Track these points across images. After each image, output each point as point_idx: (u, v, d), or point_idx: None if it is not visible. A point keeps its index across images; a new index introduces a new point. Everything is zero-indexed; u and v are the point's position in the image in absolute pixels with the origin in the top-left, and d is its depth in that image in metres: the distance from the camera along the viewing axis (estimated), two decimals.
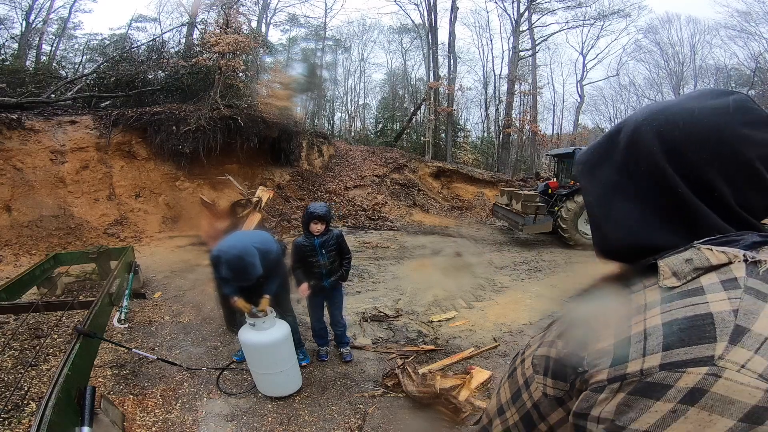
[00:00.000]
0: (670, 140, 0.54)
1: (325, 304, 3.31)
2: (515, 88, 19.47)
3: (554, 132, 25.06)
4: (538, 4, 19.29)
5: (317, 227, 3.00)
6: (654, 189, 0.55)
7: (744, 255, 0.48)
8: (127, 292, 4.00)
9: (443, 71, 19.38)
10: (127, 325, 3.79)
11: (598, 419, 0.48)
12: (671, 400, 0.42)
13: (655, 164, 0.54)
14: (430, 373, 3.07)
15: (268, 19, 21.22)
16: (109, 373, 3.03)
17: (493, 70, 24.64)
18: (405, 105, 25.03)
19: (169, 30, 15.37)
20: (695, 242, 0.51)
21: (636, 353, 0.46)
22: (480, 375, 3.04)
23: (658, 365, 0.43)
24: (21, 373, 2.80)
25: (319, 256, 3.04)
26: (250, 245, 2.62)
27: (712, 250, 0.49)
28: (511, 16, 19.94)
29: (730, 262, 0.47)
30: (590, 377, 0.50)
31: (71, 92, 10.10)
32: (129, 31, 17.40)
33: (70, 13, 17.15)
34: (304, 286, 3.05)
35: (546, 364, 0.62)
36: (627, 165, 0.58)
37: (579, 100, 24.17)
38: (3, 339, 3.41)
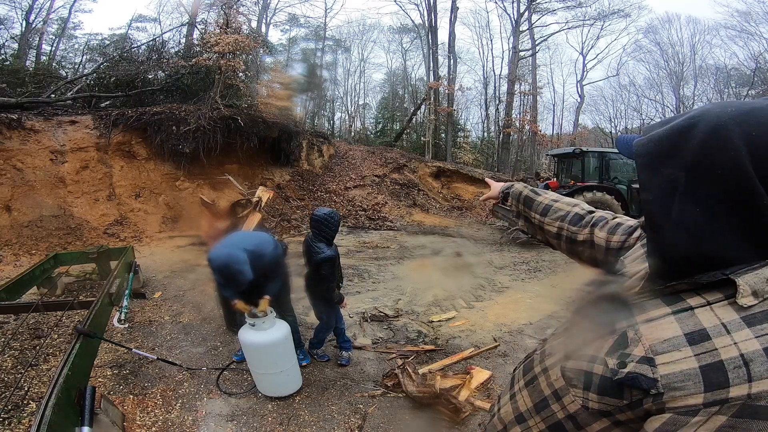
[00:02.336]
0: (762, 147, 0.49)
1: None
2: (515, 88, 19.47)
3: (554, 132, 25.07)
4: (538, 4, 19.29)
5: None
6: (729, 195, 0.50)
7: None
8: (127, 292, 3.99)
9: (443, 71, 19.40)
10: (127, 325, 3.78)
11: None
12: None
13: (738, 169, 0.49)
14: (430, 373, 3.07)
15: (268, 19, 21.24)
16: (109, 373, 3.02)
17: (493, 70, 24.66)
18: (405, 105, 25.04)
19: (169, 30, 15.40)
20: None
21: (739, 379, 0.46)
22: (480, 375, 3.04)
23: None
24: (21, 373, 2.80)
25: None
26: (237, 252, 2.55)
27: None
28: (511, 16, 19.95)
29: None
30: (671, 400, 0.49)
31: (71, 92, 10.09)
32: (129, 31, 17.48)
33: (70, 13, 17.20)
34: (345, 300, 3.16)
35: (588, 380, 0.60)
36: (700, 164, 0.53)
37: (579, 100, 24.19)
38: (3, 339, 3.41)
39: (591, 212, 0.98)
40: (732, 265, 0.51)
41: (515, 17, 19.52)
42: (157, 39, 12.93)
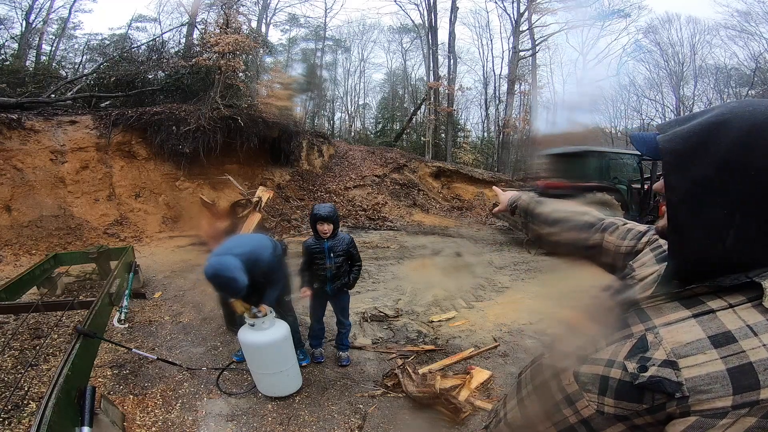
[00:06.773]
0: None
1: (328, 305, 3.27)
2: (515, 88, 19.46)
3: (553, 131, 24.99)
4: (538, 4, 19.28)
5: (323, 228, 2.97)
6: (761, 196, 0.49)
7: None
8: (127, 292, 4.00)
9: (443, 71, 19.37)
10: (127, 325, 3.79)
11: None
12: None
13: None
14: (430, 373, 3.07)
15: (268, 19, 21.20)
16: (109, 373, 3.02)
17: (493, 70, 24.65)
18: (405, 105, 25.05)
19: (169, 30, 15.36)
20: None
21: None
22: (480, 375, 3.04)
23: None
24: (21, 373, 2.80)
25: (327, 259, 3.01)
26: (226, 259, 2.51)
27: None
28: (511, 16, 19.94)
29: None
30: (698, 403, 0.49)
31: (71, 92, 10.10)
32: (129, 31, 17.40)
33: (70, 13, 17.14)
34: (305, 289, 3.05)
35: (604, 384, 0.59)
36: (732, 164, 0.51)
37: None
38: (3, 339, 3.41)
39: (601, 219, 0.97)
40: (753, 268, 0.50)
41: (515, 17, 19.51)
42: (157, 39, 12.95)
